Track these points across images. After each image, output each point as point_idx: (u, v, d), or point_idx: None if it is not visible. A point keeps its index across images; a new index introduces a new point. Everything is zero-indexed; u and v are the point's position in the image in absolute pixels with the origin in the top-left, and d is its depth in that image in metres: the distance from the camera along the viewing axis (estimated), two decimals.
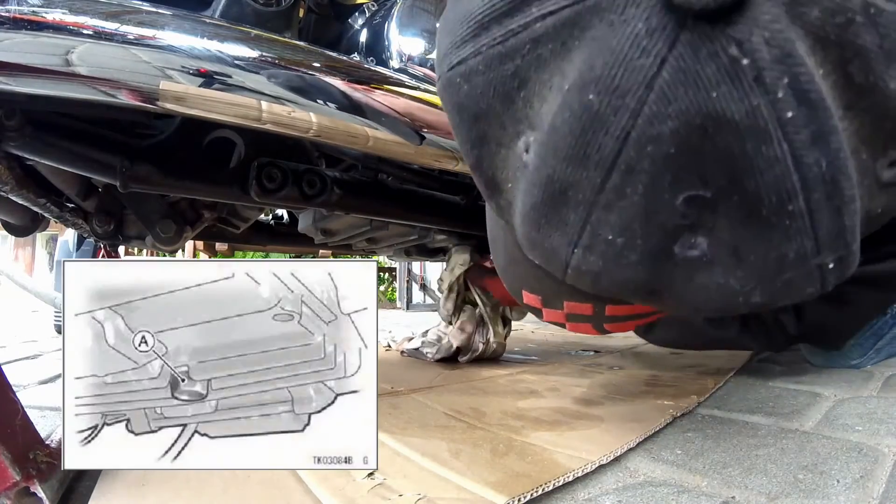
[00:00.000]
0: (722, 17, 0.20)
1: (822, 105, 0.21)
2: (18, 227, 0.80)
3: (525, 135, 0.27)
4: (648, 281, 0.27)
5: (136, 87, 0.44)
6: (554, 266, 0.29)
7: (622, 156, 0.23)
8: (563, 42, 0.23)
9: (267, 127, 0.48)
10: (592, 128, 0.23)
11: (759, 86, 0.20)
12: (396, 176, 0.80)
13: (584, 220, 0.26)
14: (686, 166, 0.23)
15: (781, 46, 0.20)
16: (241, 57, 0.47)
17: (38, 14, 0.42)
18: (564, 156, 0.24)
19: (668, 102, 0.21)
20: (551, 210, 0.27)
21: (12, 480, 0.36)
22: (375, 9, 0.76)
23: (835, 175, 0.22)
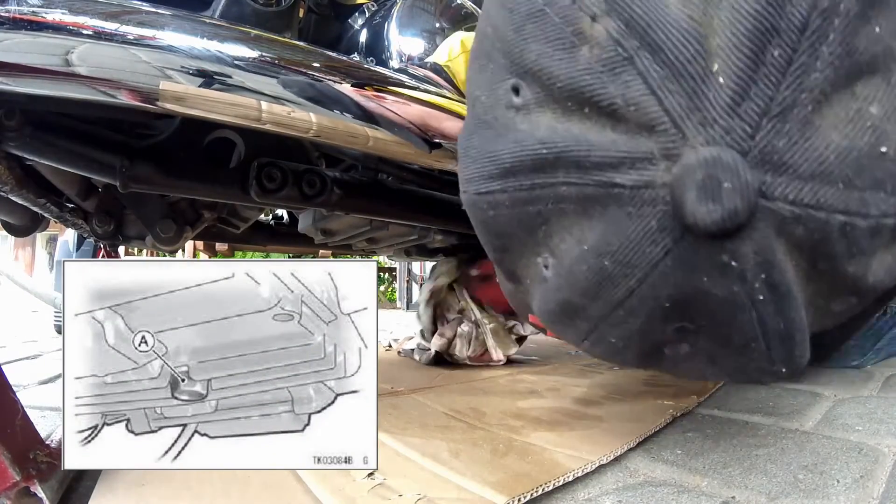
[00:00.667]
0: (720, 237, 0.25)
1: (789, 293, 0.27)
2: (18, 227, 0.80)
3: (544, 256, 0.32)
4: (643, 365, 0.36)
5: (136, 88, 0.44)
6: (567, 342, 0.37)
7: (626, 302, 0.29)
8: (584, 208, 0.28)
9: (267, 127, 0.48)
10: (604, 283, 0.29)
11: (740, 279, 0.26)
12: (396, 176, 0.80)
13: (592, 329, 0.32)
14: (677, 313, 0.29)
15: (765, 255, 0.25)
16: (241, 57, 0.47)
17: (38, 14, 0.42)
18: (579, 293, 0.30)
19: (667, 278, 0.27)
20: (565, 318, 0.33)
21: (12, 480, 0.36)
22: (375, 9, 0.76)
23: (790, 331, 0.29)
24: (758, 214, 0.24)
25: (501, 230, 0.33)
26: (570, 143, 0.27)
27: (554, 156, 0.27)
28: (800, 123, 0.24)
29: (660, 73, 0.24)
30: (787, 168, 0.24)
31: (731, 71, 0.23)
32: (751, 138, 0.23)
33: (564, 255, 0.30)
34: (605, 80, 0.25)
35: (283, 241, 1.25)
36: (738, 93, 0.23)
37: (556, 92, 0.27)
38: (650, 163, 0.25)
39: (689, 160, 0.24)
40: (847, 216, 0.24)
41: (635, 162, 0.25)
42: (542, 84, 0.28)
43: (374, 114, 0.53)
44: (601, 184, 0.26)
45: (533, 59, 0.28)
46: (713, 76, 0.24)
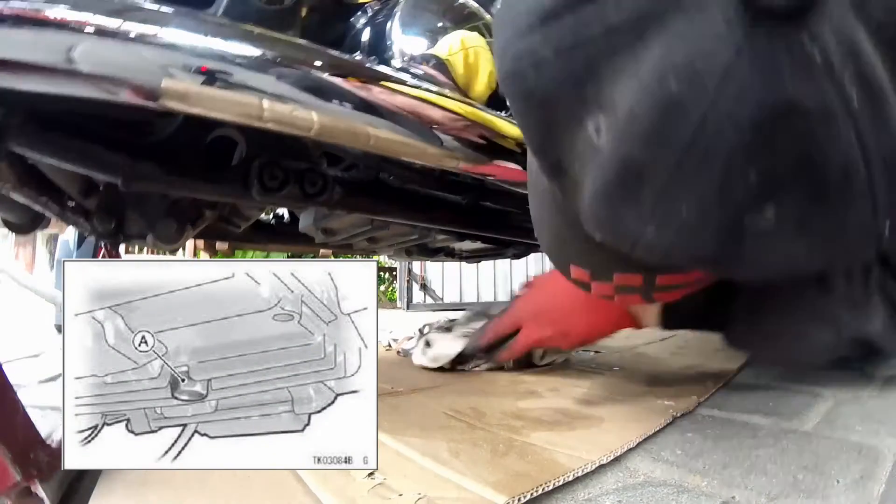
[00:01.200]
0: (795, 15, 0.22)
1: (883, 93, 0.23)
2: (19, 225, 0.80)
3: (595, 118, 0.28)
4: (717, 252, 0.28)
5: (139, 85, 0.44)
6: (622, 242, 0.30)
7: (700, 138, 0.24)
8: (638, 33, 0.25)
9: (268, 126, 0.48)
10: (672, 112, 0.24)
11: (828, 75, 0.22)
12: (398, 175, 0.80)
13: (659, 198, 0.27)
14: (759, 147, 0.24)
15: (849, 41, 0.22)
16: (244, 55, 0.47)
17: (41, 11, 0.42)
18: (642, 139, 0.26)
19: (744, 89, 0.23)
20: (625, 190, 0.28)
21: (13, 480, 0.36)
22: (378, 8, 0.76)
23: (893, 151, 0.24)
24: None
25: (545, 95, 0.29)
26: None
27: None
28: None
29: None
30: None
31: None
32: None
33: (620, 101, 0.26)
34: None
35: (284, 241, 1.25)
36: None
37: None
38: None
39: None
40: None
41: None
42: None
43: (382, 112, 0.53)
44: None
45: None
46: None
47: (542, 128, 0.31)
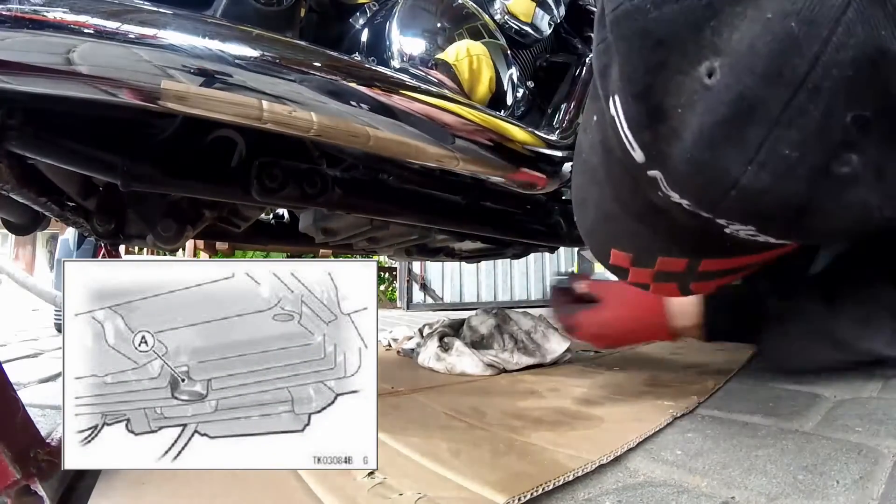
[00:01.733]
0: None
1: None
2: (19, 225, 0.80)
3: (709, 60, 0.29)
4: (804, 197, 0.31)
5: (138, 87, 0.44)
6: (718, 187, 0.32)
7: (811, 76, 0.27)
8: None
9: (268, 126, 0.48)
10: (791, 50, 0.27)
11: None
12: (397, 175, 0.80)
13: (765, 136, 0.29)
14: (857, 88, 0.27)
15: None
16: (243, 56, 0.47)
17: (40, 13, 0.42)
18: (760, 74, 0.28)
19: (850, 35, 0.26)
20: (734, 128, 0.30)
21: (13, 479, 0.36)
22: (376, 8, 0.76)
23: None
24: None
25: (662, 35, 0.30)
26: None
27: None
28: None
29: None
30: None
31: None
32: None
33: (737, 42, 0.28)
34: None
35: (284, 241, 1.25)
36: None
37: None
38: None
39: None
40: None
41: None
42: None
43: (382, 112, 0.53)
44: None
45: None
46: None
47: (651, 69, 0.32)
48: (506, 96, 0.80)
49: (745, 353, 1.02)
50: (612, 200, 0.41)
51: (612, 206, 0.42)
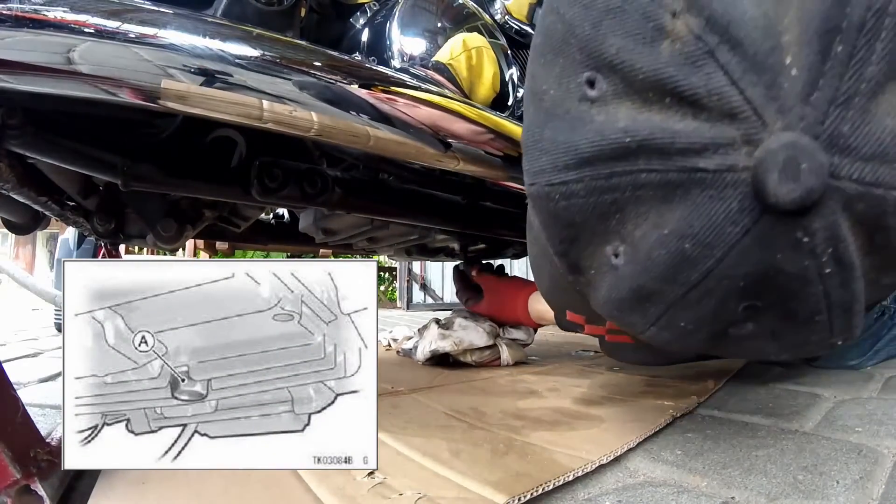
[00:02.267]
0: (796, 213, 0.27)
1: (852, 266, 0.29)
2: (19, 225, 0.80)
3: (614, 244, 0.33)
4: (705, 348, 0.36)
5: (138, 86, 0.44)
6: (628, 330, 0.37)
7: (703, 283, 0.30)
8: (664, 194, 0.29)
9: (268, 126, 0.48)
10: (684, 266, 0.30)
11: (811, 254, 0.28)
12: (397, 175, 0.80)
13: (663, 313, 0.33)
14: (749, 291, 0.31)
15: (833, 230, 0.27)
16: (243, 56, 0.47)
17: (40, 12, 0.42)
18: (656, 277, 0.31)
19: (745, 257, 0.29)
20: (636, 304, 0.34)
21: (13, 478, 0.36)
22: (377, 8, 0.76)
23: (851, 303, 0.31)
24: (828, 193, 0.26)
25: (572, 220, 0.34)
26: (655, 131, 0.29)
27: (637, 144, 0.29)
28: (860, 111, 0.26)
29: (740, 65, 0.26)
30: (851, 150, 0.26)
31: (802, 64, 0.26)
32: (821, 124, 0.26)
33: (640, 241, 0.31)
34: (687, 71, 0.27)
35: (284, 241, 1.25)
36: (810, 83, 0.26)
37: (636, 83, 0.29)
38: (732, 148, 0.27)
39: (771, 144, 0.26)
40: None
41: (719, 147, 0.27)
42: (623, 76, 0.30)
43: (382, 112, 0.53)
44: (684, 169, 0.28)
45: (613, 52, 0.30)
46: (787, 69, 0.26)
47: (565, 242, 0.36)
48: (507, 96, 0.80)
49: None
50: (561, 275, 0.43)
51: (562, 280, 0.45)
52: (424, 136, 0.56)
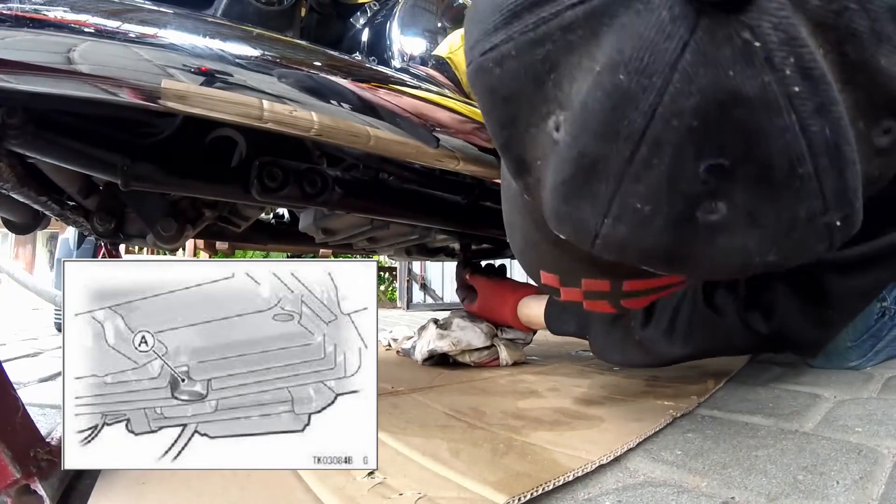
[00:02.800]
0: (735, 7, 0.23)
1: (824, 80, 0.24)
2: (19, 224, 0.80)
3: (555, 114, 0.29)
4: (672, 247, 0.29)
5: (138, 86, 0.44)
6: (582, 237, 0.31)
7: (650, 130, 0.25)
8: (592, 28, 0.26)
9: (268, 126, 0.48)
10: (622, 105, 0.25)
11: (769, 65, 0.23)
12: (397, 175, 0.80)
13: (614, 191, 0.28)
14: (706, 137, 0.25)
15: (787, 31, 0.23)
16: (243, 56, 0.47)
17: (40, 12, 0.42)
18: (595, 132, 0.27)
19: (691, 81, 0.24)
20: (582, 183, 0.29)
21: (13, 478, 0.36)
22: (377, 8, 0.76)
23: (837, 140, 0.25)
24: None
25: (508, 91, 0.30)
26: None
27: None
28: None
29: None
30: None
31: None
32: None
33: (576, 95, 0.27)
34: None
35: (284, 240, 1.25)
36: None
37: None
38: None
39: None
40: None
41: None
42: None
43: (380, 109, 0.53)
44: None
45: None
46: None
47: (506, 124, 0.31)
48: None
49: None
50: (533, 228, 0.41)
51: (534, 234, 0.42)
52: (422, 133, 0.56)
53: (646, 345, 0.73)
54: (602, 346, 0.83)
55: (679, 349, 0.70)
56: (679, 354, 0.72)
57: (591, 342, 0.84)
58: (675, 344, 0.70)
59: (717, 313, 0.66)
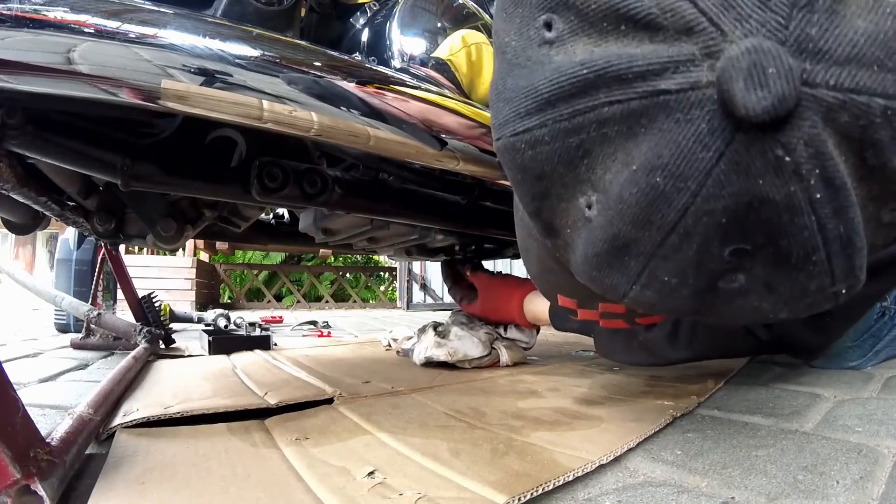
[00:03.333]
0: (771, 127, 0.24)
1: (844, 188, 0.26)
2: (19, 225, 0.80)
3: (587, 194, 0.31)
4: (695, 308, 0.32)
5: (138, 86, 0.44)
6: (611, 295, 0.34)
7: (681, 223, 0.28)
8: (629, 127, 0.27)
9: (268, 126, 0.48)
10: (658, 202, 0.28)
11: (796, 176, 0.25)
12: (397, 175, 0.80)
13: (644, 266, 0.31)
14: (733, 230, 0.28)
15: (816, 146, 0.25)
16: (243, 56, 0.47)
17: (40, 12, 0.42)
18: (630, 221, 0.29)
19: (723, 186, 0.26)
20: (614, 258, 0.32)
21: (13, 478, 0.36)
22: (377, 8, 0.76)
23: (849, 235, 0.28)
24: (803, 102, 0.24)
25: (540, 171, 0.32)
26: (612, 58, 0.27)
27: (595, 75, 0.28)
28: (826, 12, 0.24)
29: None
30: (822, 54, 0.24)
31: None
32: (785, 28, 0.24)
33: (611, 184, 0.29)
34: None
35: (284, 241, 1.25)
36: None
37: (591, 16, 0.28)
38: (693, 64, 0.26)
39: (732, 52, 0.24)
40: (886, 99, 0.25)
41: (678, 65, 0.26)
42: (577, 11, 0.28)
43: (382, 112, 0.53)
44: (646, 94, 0.27)
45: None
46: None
47: (537, 197, 0.34)
48: None
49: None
50: (549, 256, 0.42)
51: (550, 262, 0.44)
52: (423, 134, 0.56)
53: (649, 346, 0.75)
54: (606, 345, 0.84)
55: (682, 352, 0.73)
56: (682, 357, 0.74)
57: (595, 340, 0.85)
58: (679, 347, 0.72)
59: None
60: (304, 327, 2.17)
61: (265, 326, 1.68)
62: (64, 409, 0.68)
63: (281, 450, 0.50)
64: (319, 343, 1.52)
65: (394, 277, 5.30)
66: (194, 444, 0.52)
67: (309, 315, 3.10)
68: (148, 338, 1.17)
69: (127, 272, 1.40)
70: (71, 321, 1.65)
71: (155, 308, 1.36)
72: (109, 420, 0.58)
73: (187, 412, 0.61)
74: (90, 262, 1.65)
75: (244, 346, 1.24)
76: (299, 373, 0.90)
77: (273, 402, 0.66)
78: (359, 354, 1.21)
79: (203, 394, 0.71)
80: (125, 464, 0.46)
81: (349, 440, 0.53)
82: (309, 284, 5.05)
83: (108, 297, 1.62)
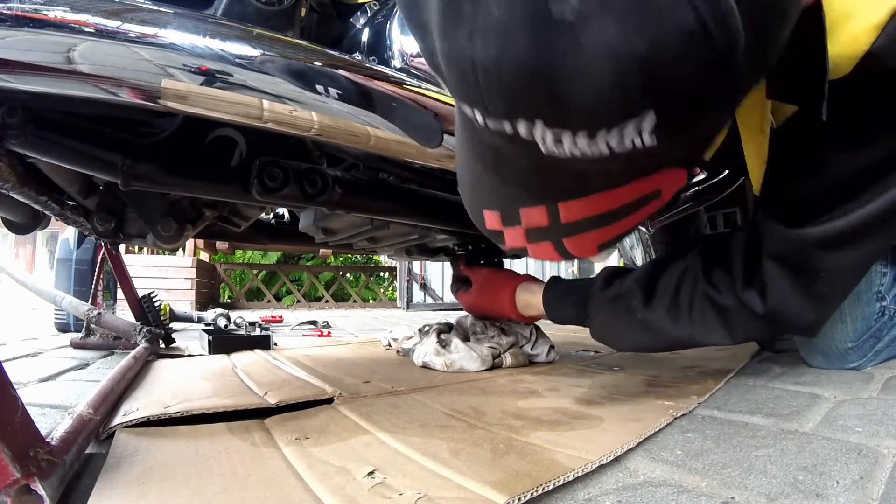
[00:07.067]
0: None
1: None
2: (19, 224, 0.80)
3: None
4: (540, 54, 0.28)
5: (139, 85, 0.44)
6: (466, 73, 0.31)
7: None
8: None
9: (268, 126, 0.48)
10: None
11: None
12: (398, 175, 0.80)
13: (474, 6, 0.29)
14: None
15: None
16: (243, 55, 0.47)
17: (41, 12, 0.42)
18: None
19: None
20: (451, 8, 0.30)
21: (12, 478, 0.36)
22: (377, 8, 0.76)
23: None
24: None
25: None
26: None
27: None
28: None
29: None
30: None
31: None
32: None
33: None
34: None
35: (284, 240, 1.25)
36: None
37: None
38: None
39: None
40: None
41: None
42: None
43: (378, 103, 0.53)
44: None
45: None
46: None
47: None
48: None
49: (745, 352, 1.02)
50: (475, 159, 0.41)
51: (476, 165, 0.43)
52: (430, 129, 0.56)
53: (649, 325, 0.73)
54: (602, 328, 0.81)
55: (684, 329, 0.70)
56: (683, 335, 0.72)
57: (590, 327, 0.82)
58: (680, 323, 0.70)
59: (715, 289, 0.67)
60: (304, 327, 2.18)
61: (265, 326, 1.68)
62: (64, 408, 0.68)
63: (281, 449, 0.50)
64: (319, 343, 1.52)
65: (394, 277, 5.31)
66: (194, 443, 0.52)
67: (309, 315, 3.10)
68: (148, 337, 1.17)
69: (127, 272, 1.40)
70: (71, 321, 1.65)
71: (155, 308, 1.36)
72: (109, 420, 0.58)
73: (187, 412, 0.61)
74: (90, 262, 1.65)
75: (244, 345, 1.24)
76: (299, 372, 0.90)
77: (273, 401, 0.66)
78: (359, 354, 1.21)
79: (203, 393, 0.71)
80: (125, 463, 0.46)
81: (349, 440, 0.53)
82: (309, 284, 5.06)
83: (108, 296, 1.62)
